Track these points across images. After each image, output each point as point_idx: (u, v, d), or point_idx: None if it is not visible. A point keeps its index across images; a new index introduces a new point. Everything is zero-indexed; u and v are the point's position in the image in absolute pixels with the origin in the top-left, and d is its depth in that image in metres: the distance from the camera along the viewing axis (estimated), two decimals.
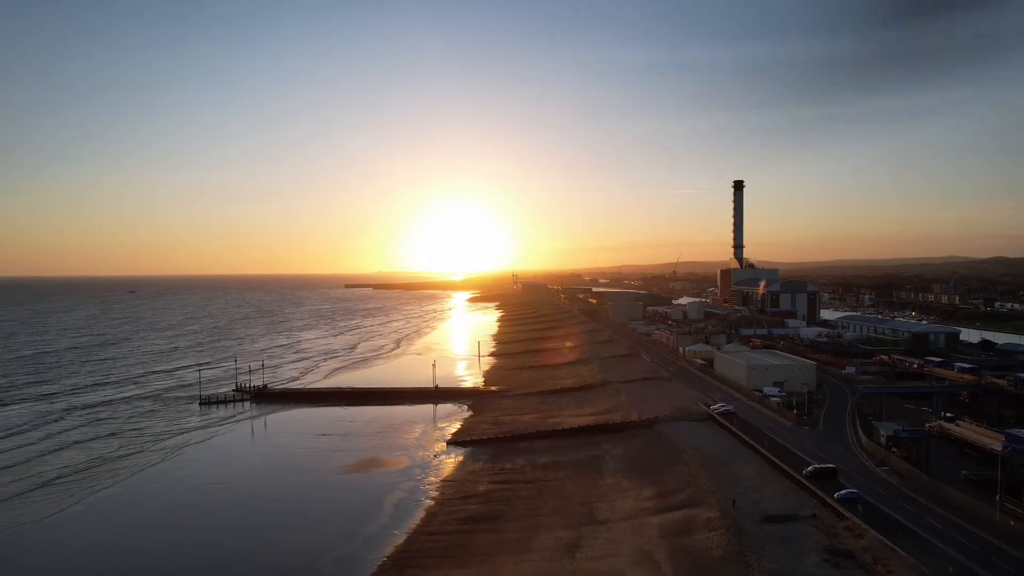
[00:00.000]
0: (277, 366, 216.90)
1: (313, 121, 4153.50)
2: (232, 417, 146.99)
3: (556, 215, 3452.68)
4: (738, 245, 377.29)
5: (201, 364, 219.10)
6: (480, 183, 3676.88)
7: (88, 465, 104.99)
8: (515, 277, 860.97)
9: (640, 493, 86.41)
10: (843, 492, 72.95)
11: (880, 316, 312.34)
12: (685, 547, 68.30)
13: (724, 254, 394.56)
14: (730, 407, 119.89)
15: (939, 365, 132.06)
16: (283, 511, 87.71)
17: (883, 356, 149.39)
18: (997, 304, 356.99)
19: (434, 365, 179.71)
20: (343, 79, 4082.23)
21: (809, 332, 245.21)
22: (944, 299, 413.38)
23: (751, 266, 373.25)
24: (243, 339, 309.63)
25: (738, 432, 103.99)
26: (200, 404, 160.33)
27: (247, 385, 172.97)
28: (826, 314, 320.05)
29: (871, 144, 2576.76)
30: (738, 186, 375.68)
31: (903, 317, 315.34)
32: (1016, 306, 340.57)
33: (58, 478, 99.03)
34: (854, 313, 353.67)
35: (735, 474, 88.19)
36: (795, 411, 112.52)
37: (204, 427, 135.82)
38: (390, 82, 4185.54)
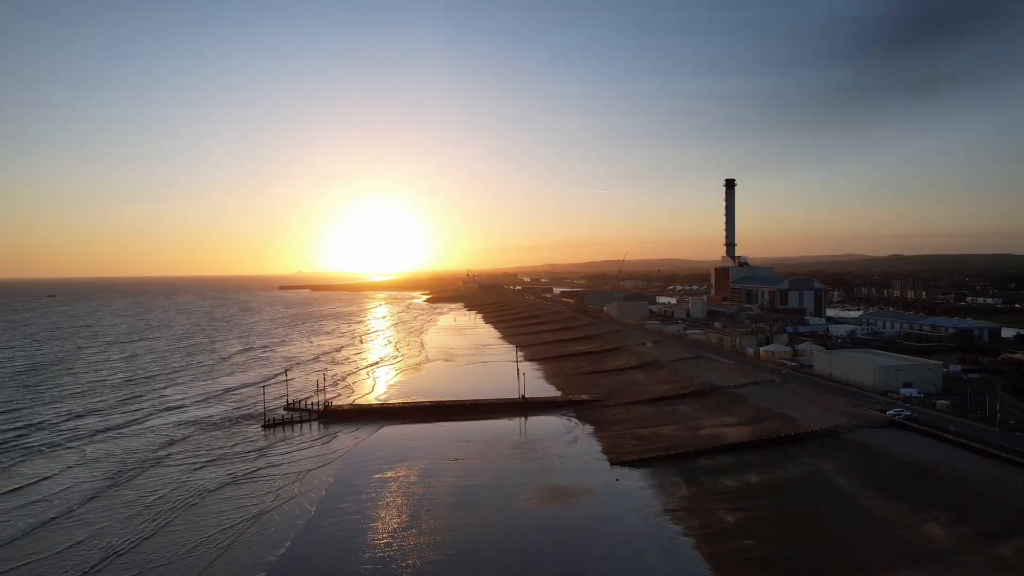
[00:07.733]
0: (323, 383, 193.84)
1: (229, 122, 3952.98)
2: (348, 446, 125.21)
3: (475, 214, 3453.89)
4: (730, 243, 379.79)
5: (225, 384, 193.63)
6: (397, 184, 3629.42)
7: (253, 521, 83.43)
8: (470, 276, 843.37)
9: (936, 516, 76.67)
10: None
11: (912, 312, 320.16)
12: None
13: (657, 252, 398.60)
14: (909, 412, 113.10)
15: None
16: (536, 567, 72.03)
17: (1008, 354, 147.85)
18: (969, 299, 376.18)
19: (522, 375, 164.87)
20: (256, 82, 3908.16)
21: (840, 329, 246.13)
22: (910, 295, 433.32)
23: (744, 264, 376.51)
24: (237, 351, 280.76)
25: (968, 443, 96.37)
26: (264, 427, 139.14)
27: (308, 403, 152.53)
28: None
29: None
30: (729, 184, 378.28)
31: (891, 313, 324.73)
32: (988, 300, 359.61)
33: (237, 540, 77.84)
34: (854, 309, 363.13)
35: (1021, 491, 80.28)
36: (998, 415, 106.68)
37: (321, 460, 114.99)
38: (303, 83, 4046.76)
